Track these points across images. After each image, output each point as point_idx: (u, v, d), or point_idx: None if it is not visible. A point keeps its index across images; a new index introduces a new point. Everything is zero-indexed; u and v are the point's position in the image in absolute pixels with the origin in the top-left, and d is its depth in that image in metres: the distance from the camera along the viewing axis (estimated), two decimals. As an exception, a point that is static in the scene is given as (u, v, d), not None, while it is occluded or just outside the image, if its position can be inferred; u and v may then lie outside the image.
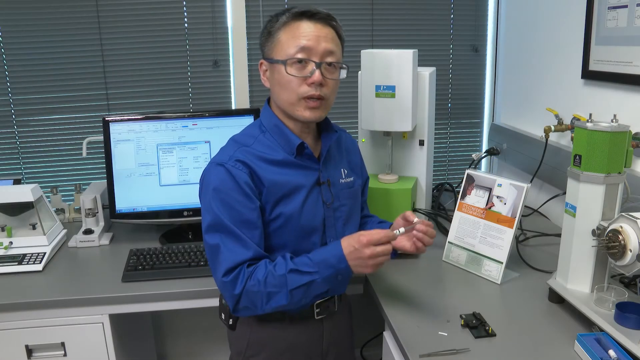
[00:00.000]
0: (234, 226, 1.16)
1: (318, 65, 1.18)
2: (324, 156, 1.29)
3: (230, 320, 1.32)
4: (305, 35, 1.18)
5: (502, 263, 1.46)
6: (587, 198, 1.21)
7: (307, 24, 1.19)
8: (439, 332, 1.21)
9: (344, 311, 1.42)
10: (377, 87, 1.66)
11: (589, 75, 1.71)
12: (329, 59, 1.20)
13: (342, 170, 1.35)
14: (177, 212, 1.82)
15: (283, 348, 1.30)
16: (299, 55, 1.18)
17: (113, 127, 1.78)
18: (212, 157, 1.79)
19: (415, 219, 1.22)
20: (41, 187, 1.81)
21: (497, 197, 1.50)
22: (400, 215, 1.28)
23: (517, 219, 1.45)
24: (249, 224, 1.17)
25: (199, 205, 1.84)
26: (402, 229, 1.17)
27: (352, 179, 1.36)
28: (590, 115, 1.64)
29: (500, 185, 1.50)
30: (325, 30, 1.20)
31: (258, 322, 1.28)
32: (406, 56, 1.62)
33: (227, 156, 1.20)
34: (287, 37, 1.19)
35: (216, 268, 1.18)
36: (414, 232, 1.23)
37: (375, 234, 1.10)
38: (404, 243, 1.26)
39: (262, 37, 1.25)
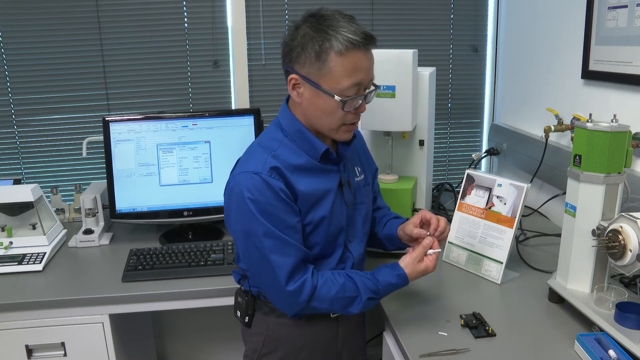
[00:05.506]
0: (282, 233, 1.15)
1: (364, 98, 1.17)
2: (344, 158, 1.29)
3: (247, 317, 1.32)
4: (361, 69, 1.13)
5: (502, 263, 1.46)
6: (587, 198, 1.21)
7: (362, 54, 1.12)
8: (439, 332, 1.21)
9: None
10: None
11: (589, 75, 1.71)
12: (371, 86, 1.19)
13: (356, 168, 1.35)
14: (177, 212, 1.82)
15: (299, 346, 1.30)
16: (352, 93, 1.13)
17: (113, 127, 1.78)
18: (211, 156, 1.82)
19: (427, 236, 1.27)
20: (41, 187, 1.81)
21: (497, 197, 1.50)
22: (418, 215, 1.31)
23: (517, 219, 1.45)
24: (293, 228, 1.17)
25: (199, 205, 1.81)
26: (435, 249, 1.25)
27: (363, 176, 1.37)
28: (590, 115, 1.64)
29: (500, 185, 1.50)
30: (371, 57, 1.16)
31: (274, 320, 1.29)
32: (406, 56, 1.62)
33: (260, 164, 1.16)
34: (342, 70, 1.11)
35: (271, 277, 1.16)
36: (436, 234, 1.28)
37: (433, 265, 1.24)
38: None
39: (303, 53, 1.12)
